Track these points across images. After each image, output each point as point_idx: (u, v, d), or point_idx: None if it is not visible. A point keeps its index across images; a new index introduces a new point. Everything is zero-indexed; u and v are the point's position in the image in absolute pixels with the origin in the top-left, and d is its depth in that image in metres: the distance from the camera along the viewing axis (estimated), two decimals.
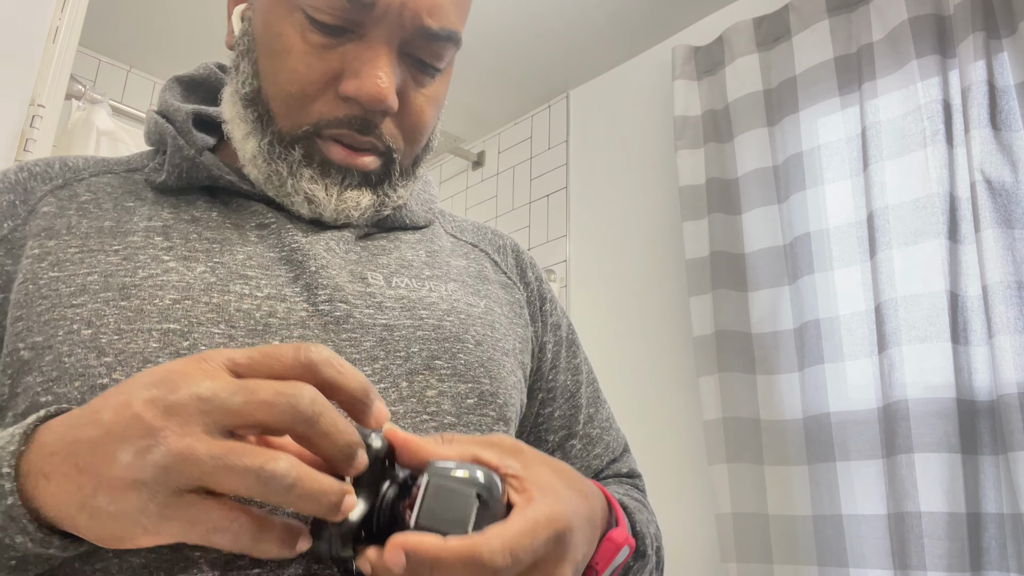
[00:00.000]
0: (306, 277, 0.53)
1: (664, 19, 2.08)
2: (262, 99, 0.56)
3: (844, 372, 1.52)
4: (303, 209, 0.57)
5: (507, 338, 0.62)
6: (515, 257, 0.72)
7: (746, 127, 1.76)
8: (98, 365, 0.46)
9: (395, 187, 0.60)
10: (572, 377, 0.71)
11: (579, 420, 0.70)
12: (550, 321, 0.71)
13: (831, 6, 1.68)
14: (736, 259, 1.73)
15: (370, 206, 0.58)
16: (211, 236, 0.55)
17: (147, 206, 0.56)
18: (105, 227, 0.54)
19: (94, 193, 0.57)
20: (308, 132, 0.55)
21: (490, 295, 0.64)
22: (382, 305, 0.55)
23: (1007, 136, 1.38)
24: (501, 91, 2.42)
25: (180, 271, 0.51)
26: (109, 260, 0.51)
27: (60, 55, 1.29)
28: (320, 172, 0.56)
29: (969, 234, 1.40)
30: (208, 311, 0.49)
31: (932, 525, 1.30)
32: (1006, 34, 1.42)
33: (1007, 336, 1.27)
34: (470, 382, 0.55)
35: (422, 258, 0.62)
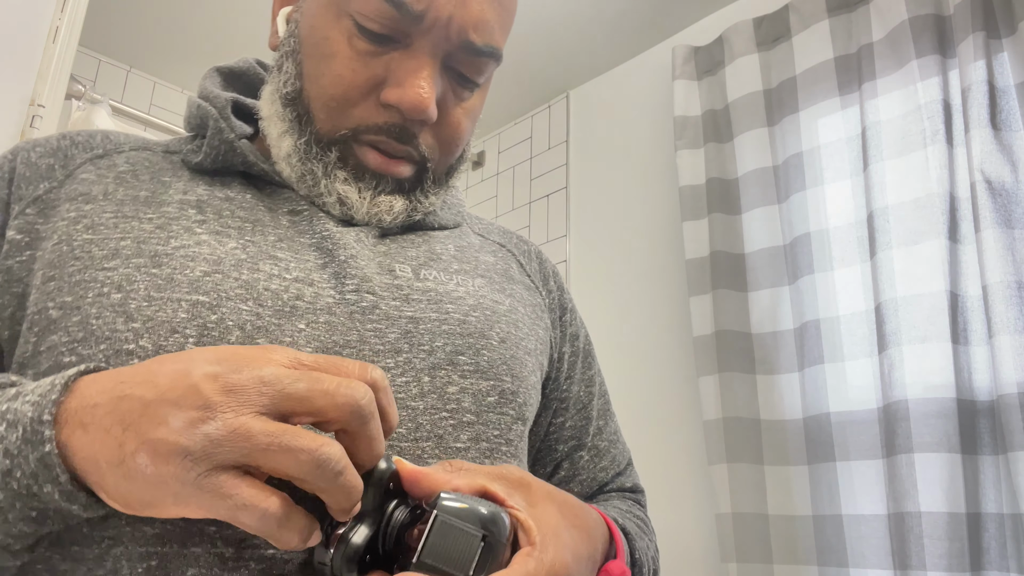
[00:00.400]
0: (335, 265, 0.54)
1: (664, 19, 2.08)
2: (303, 100, 0.57)
3: (844, 372, 1.52)
4: (334, 210, 0.58)
5: (529, 338, 0.62)
6: (539, 263, 0.73)
7: (746, 127, 1.76)
8: (125, 330, 0.46)
9: (427, 194, 0.60)
10: (586, 389, 0.71)
11: (589, 432, 0.70)
12: (569, 331, 0.71)
13: (831, 6, 1.68)
14: (736, 259, 1.73)
15: (402, 211, 0.59)
16: (244, 215, 0.55)
17: (183, 182, 0.57)
18: (141, 196, 0.55)
19: (132, 165, 0.58)
20: (346, 136, 0.56)
21: (515, 294, 0.64)
22: (409, 297, 0.55)
23: (1007, 136, 1.38)
24: (501, 91, 2.42)
25: (212, 244, 0.52)
26: (143, 227, 0.52)
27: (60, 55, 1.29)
28: (354, 176, 0.57)
29: (969, 234, 1.40)
30: (237, 287, 0.49)
31: (932, 525, 1.30)
32: (1006, 34, 1.42)
33: (1007, 336, 1.27)
34: (492, 379, 0.55)
35: (451, 252, 0.63)
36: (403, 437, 0.49)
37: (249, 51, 2.21)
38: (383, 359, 0.51)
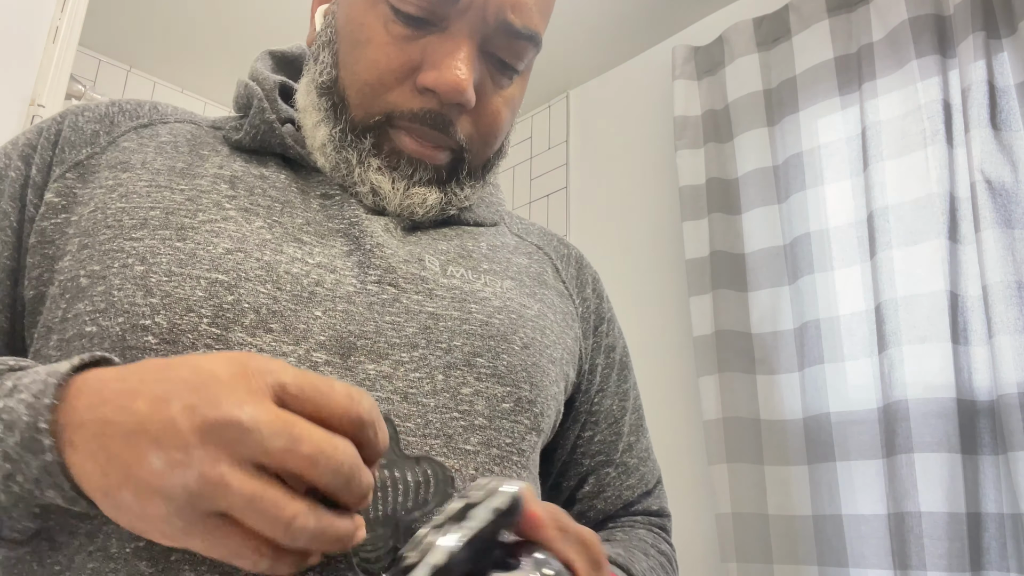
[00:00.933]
0: (360, 253, 0.53)
1: (664, 19, 2.08)
2: (338, 88, 0.56)
3: (844, 372, 1.52)
4: (367, 200, 0.57)
5: (555, 346, 0.60)
6: (577, 268, 0.70)
7: (746, 127, 1.76)
8: (143, 304, 0.46)
9: (463, 186, 0.59)
10: (619, 403, 0.69)
11: (618, 448, 0.68)
12: (604, 343, 0.69)
13: (831, 6, 1.68)
14: (736, 259, 1.73)
15: (435, 204, 0.58)
16: (275, 195, 0.55)
17: (220, 157, 0.57)
18: (177, 167, 0.55)
19: (174, 136, 0.58)
20: (380, 122, 0.55)
21: (545, 299, 0.62)
22: (432, 292, 0.54)
23: (1007, 136, 1.38)
24: None
25: (238, 221, 0.51)
26: (173, 198, 0.52)
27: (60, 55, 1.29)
28: (388, 164, 0.56)
29: (969, 234, 1.40)
30: (258, 267, 0.49)
31: (932, 525, 1.30)
32: (1006, 34, 1.42)
33: (1007, 336, 1.27)
34: (509, 385, 0.53)
35: (483, 250, 0.61)
36: (411, 432, 0.48)
37: (251, 51, 2.21)
38: (398, 352, 0.50)
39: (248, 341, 0.46)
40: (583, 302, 0.68)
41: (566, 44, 2.19)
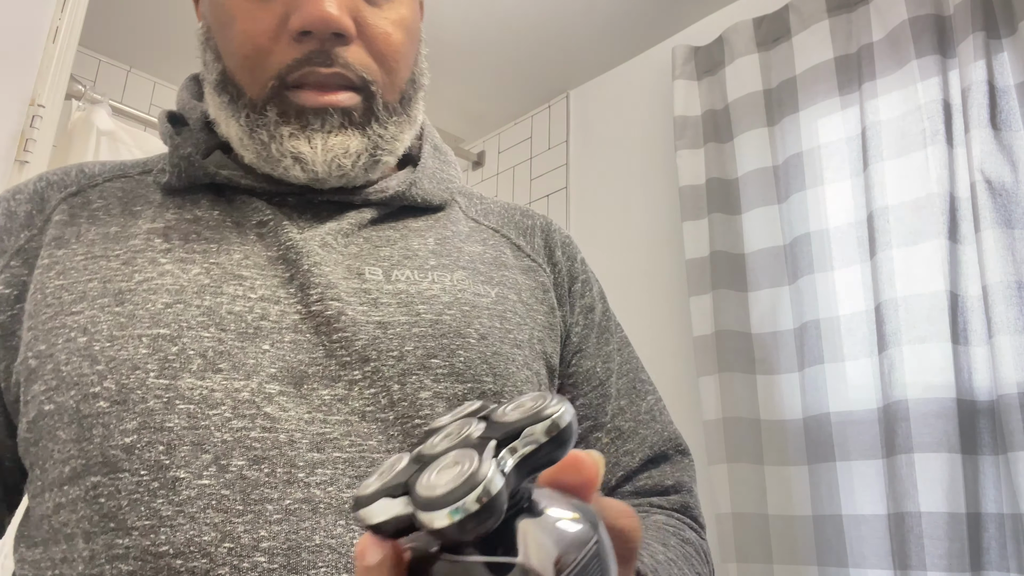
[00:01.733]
0: (300, 276, 0.52)
1: (664, 19, 2.08)
2: (228, 78, 0.55)
3: (844, 372, 1.52)
4: (297, 172, 0.55)
5: (522, 327, 0.58)
6: (544, 237, 0.67)
7: (746, 127, 1.76)
8: (91, 373, 0.47)
9: (384, 125, 0.57)
10: (602, 364, 0.65)
11: (606, 411, 0.63)
12: (580, 303, 0.66)
13: (831, 6, 1.68)
14: (736, 259, 1.73)
15: (361, 150, 0.55)
16: (210, 235, 0.54)
17: (152, 208, 0.57)
18: (111, 232, 0.55)
19: (105, 199, 0.58)
20: (274, 87, 0.54)
21: (505, 282, 0.60)
22: (377, 301, 0.53)
23: (1007, 136, 1.38)
24: (501, 91, 2.42)
25: (175, 274, 0.51)
26: (110, 265, 0.52)
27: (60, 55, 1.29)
28: (299, 126, 0.54)
29: (969, 234, 1.40)
30: (199, 314, 0.49)
31: (932, 525, 1.30)
32: (1006, 34, 1.42)
33: (1007, 336, 1.27)
34: (469, 381, 0.52)
35: (430, 246, 0.59)
36: (374, 449, 0.47)
37: None
38: (350, 371, 0.49)
39: (198, 385, 0.47)
40: (553, 267, 0.66)
41: (566, 44, 2.19)
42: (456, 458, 0.27)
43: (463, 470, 0.26)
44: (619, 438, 0.63)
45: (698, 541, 0.59)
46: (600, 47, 2.21)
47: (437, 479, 0.26)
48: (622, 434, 0.63)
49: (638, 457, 0.63)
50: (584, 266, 0.68)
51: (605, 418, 0.63)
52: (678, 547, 0.55)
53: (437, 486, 0.26)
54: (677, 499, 0.62)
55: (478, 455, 0.26)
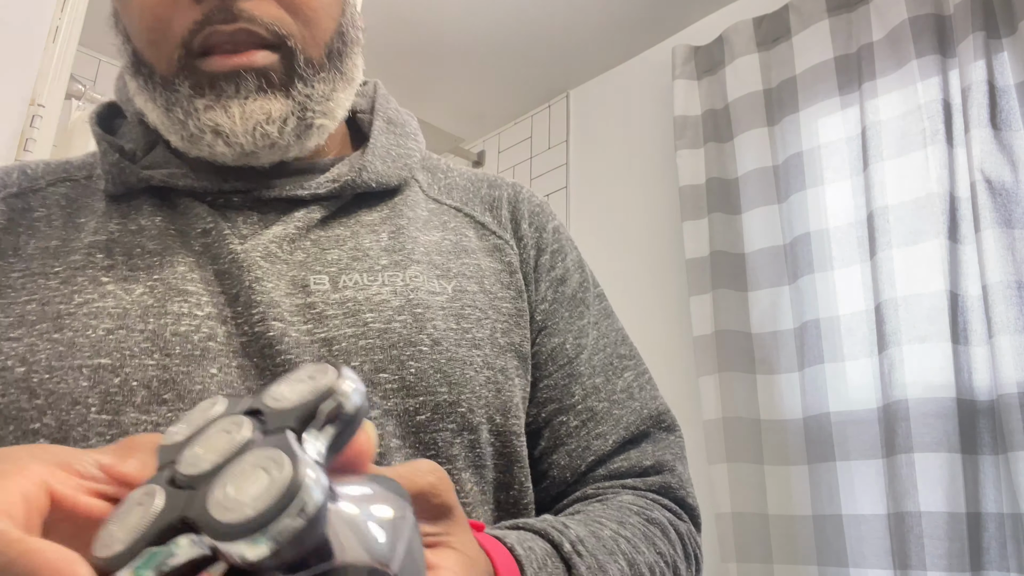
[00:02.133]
0: (243, 294, 0.48)
1: (664, 19, 2.08)
2: (138, 58, 0.52)
3: (844, 372, 1.52)
4: (221, 148, 0.50)
5: (483, 323, 0.53)
6: (511, 208, 0.62)
7: (746, 127, 1.76)
8: (30, 408, 0.44)
9: (310, 84, 0.51)
10: (573, 340, 0.59)
11: (574, 392, 0.57)
12: (548, 277, 0.60)
13: (831, 6, 1.68)
14: (736, 259, 1.73)
15: (286, 114, 0.50)
16: (153, 247, 0.51)
17: (95, 219, 0.53)
18: (51, 247, 0.51)
19: (47, 208, 0.54)
20: (181, 57, 0.49)
21: (465, 271, 0.56)
22: (322, 316, 0.49)
23: (1007, 136, 1.38)
24: (501, 91, 2.42)
25: (117, 295, 0.48)
26: (48, 285, 0.49)
27: (60, 55, 1.29)
28: (214, 95, 0.49)
29: (969, 234, 1.40)
30: (143, 340, 0.46)
31: (932, 525, 1.30)
32: (1006, 34, 1.42)
33: (1007, 336, 1.27)
34: (421, 394, 0.48)
35: (382, 242, 0.55)
36: None
37: None
38: None
39: (142, 419, 0.44)
40: (519, 241, 0.60)
41: (566, 44, 2.19)
42: (256, 462, 0.21)
43: (275, 477, 0.21)
44: (591, 420, 0.57)
45: (668, 520, 0.54)
46: (600, 47, 2.20)
47: (239, 494, 0.21)
48: (594, 415, 0.57)
49: (611, 440, 0.57)
50: (557, 235, 0.63)
51: (573, 399, 0.57)
52: (637, 526, 0.50)
53: (244, 504, 0.20)
54: (656, 480, 0.56)
55: (286, 454, 0.21)
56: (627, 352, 0.62)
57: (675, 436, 0.60)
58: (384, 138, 0.60)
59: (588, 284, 0.63)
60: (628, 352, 0.62)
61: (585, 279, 0.63)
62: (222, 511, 0.21)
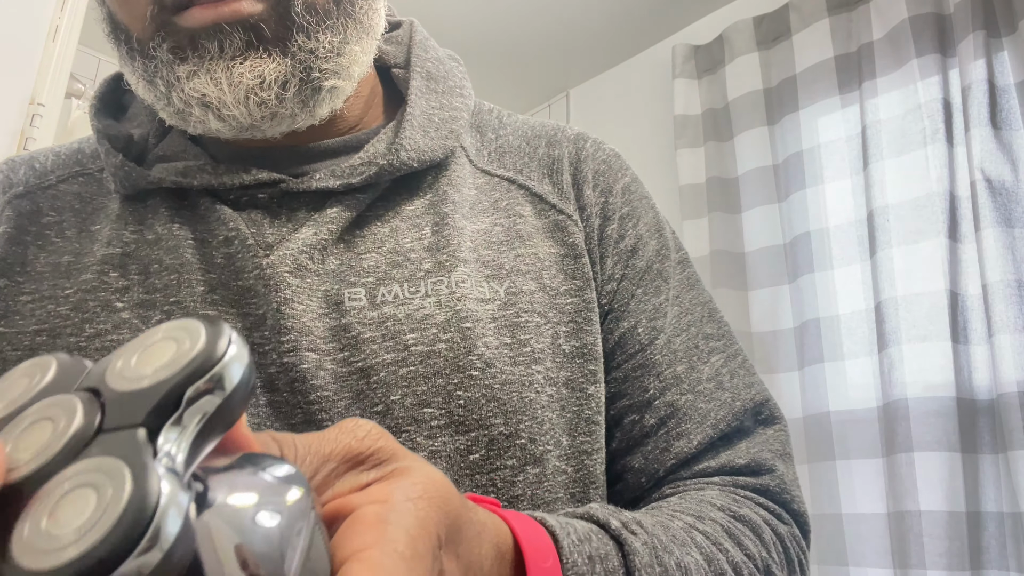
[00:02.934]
0: (271, 317, 0.42)
1: (664, 18, 2.08)
2: (115, 22, 0.44)
3: (844, 371, 1.52)
4: (214, 124, 0.43)
5: (543, 329, 0.46)
6: (573, 171, 0.53)
7: (746, 126, 1.76)
8: None
9: (312, 35, 0.42)
10: (647, 323, 0.49)
11: (647, 386, 0.48)
12: (616, 249, 0.50)
13: (831, 5, 1.68)
14: (736, 258, 1.73)
15: (285, 75, 0.42)
16: (171, 264, 0.45)
17: (110, 225, 0.47)
18: (63, 263, 0.46)
19: (58, 212, 0.48)
20: (155, 16, 0.41)
21: (520, 266, 0.48)
22: (358, 340, 0.42)
23: (1007, 135, 1.38)
24: (501, 90, 2.42)
25: (133, 324, 0.43)
26: (59, 311, 0.44)
27: (60, 54, 1.29)
28: (197, 56, 0.41)
29: (969, 233, 1.40)
30: None
31: (932, 524, 1.30)
32: (1006, 33, 1.42)
33: (1007, 335, 1.27)
34: (473, 429, 0.41)
35: (426, 239, 0.47)
36: None
37: None
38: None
39: None
40: (582, 211, 0.51)
41: (566, 43, 2.19)
42: (86, 477, 0.15)
43: (110, 502, 0.15)
44: (671, 417, 0.48)
45: (763, 519, 0.44)
46: (600, 46, 2.20)
47: (53, 527, 0.15)
48: (676, 412, 0.48)
49: (697, 439, 0.47)
50: (627, 195, 0.53)
51: (647, 394, 0.48)
52: (717, 522, 0.42)
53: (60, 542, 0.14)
54: (751, 482, 0.47)
55: (128, 466, 0.15)
56: (715, 331, 0.52)
57: (775, 430, 0.51)
58: (423, 101, 0.51)
59: (667, 251, 0.53)
60: (716, 331, 0.52)
61: (664, 244, 0.53)
62: (33, 554, 0.14)
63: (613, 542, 0.34)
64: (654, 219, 0.54)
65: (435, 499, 0.24)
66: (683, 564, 0.36)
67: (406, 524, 0.23)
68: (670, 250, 0.53)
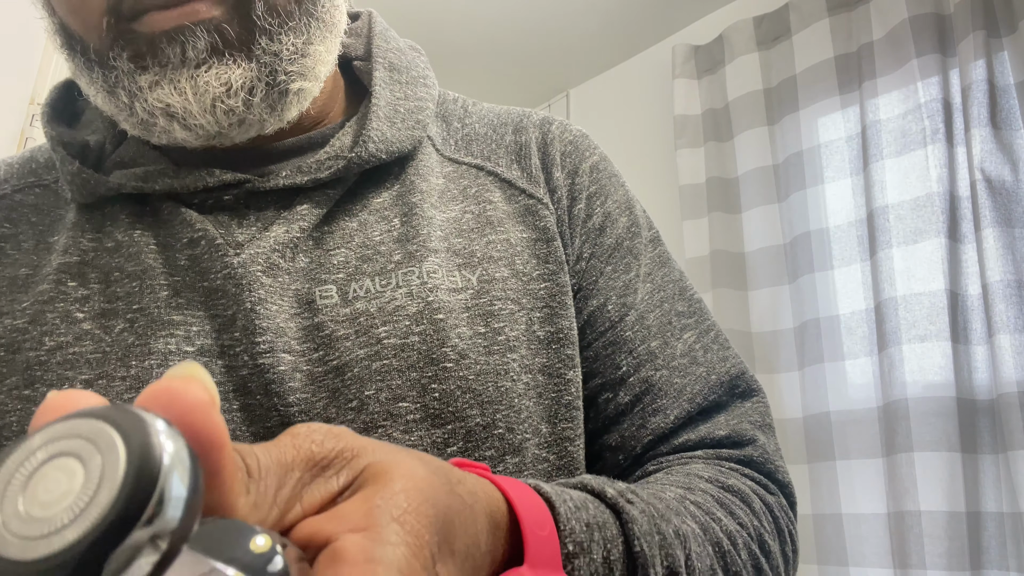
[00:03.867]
0: (242, 317, 0.41)
1: (664, 18, 2.08)
2: (68, 32, 0.42)
3: (844, 371, 1.52)
4: (180, 133, 0.42)
5: (517, 316, 0.45)
6: (542, 154, 0.52)
7: (746, 126, 1.76)
8: None
9: (275, 37, 0.41)
10: (616, 300, 0.49)
11: (619, 363, 0.48)
12: (584, 228, 0.50)
13: (831, 5, 1.68)
14: (736, 258, 1.74)
15: (252, 80, 0.41)
16: (132, 270, 0.43)
17: (67, 233, 0.45)
18: (19, 276, 0.44)
19: (13, 224, 0.47)
20: (111, 24, 0.40)
21: (492, 253, 0.47)
22: (332, 337, 0.41)
23: (1007, 135, 1.38)
24: (501, 91, 2.42)
25: (95, 335, 0.41)
26: (16, 325, 0.42)
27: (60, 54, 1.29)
28: (158, 64, 0.39)
29: (969, 233, 1.40)
30: (125, 389, 0.39)
31: (932, 524, 1.30)
32: (1006, 33, 1.42)
33: (1007, 335, 1.27)
34: (449, 422, 0.40)
35: (395, 230, 0.46)
36: None
37: None
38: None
39: None
40: (552, 194, 0.50)
41: (566, 43, 2.19)
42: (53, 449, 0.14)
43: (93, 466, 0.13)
44: (647, 393, 0.47)
45: (751, 489, 0.44)
46: (600, 46, 2.20)
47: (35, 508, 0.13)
48: (651, 388, 0.47)
49: (673, 415, 0.47)
50: (595, 174, 0.52)
51: (620, 371, 0.48)
52: (707, 492, 0.41)
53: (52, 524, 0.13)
54: (734, 454, 0.47)
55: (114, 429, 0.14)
56: (686, 308, 0.51)
57: (753, 402, 0.50)
58: (388, 92, 0.49)
59: (638, 228, 0.52)
60: (687, 308, 0.51)
61: (634, 222, 0.52)
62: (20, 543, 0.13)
63: (610, 511, 0.33)
64: (623, 197, 0.53)
65: (422, 507, 0.22)
66: (681, 532, 0.35)
67: (397, 561, 0.20)
68: (640, 228, 0.53)
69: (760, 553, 0.40)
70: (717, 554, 0.37)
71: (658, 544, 0.33)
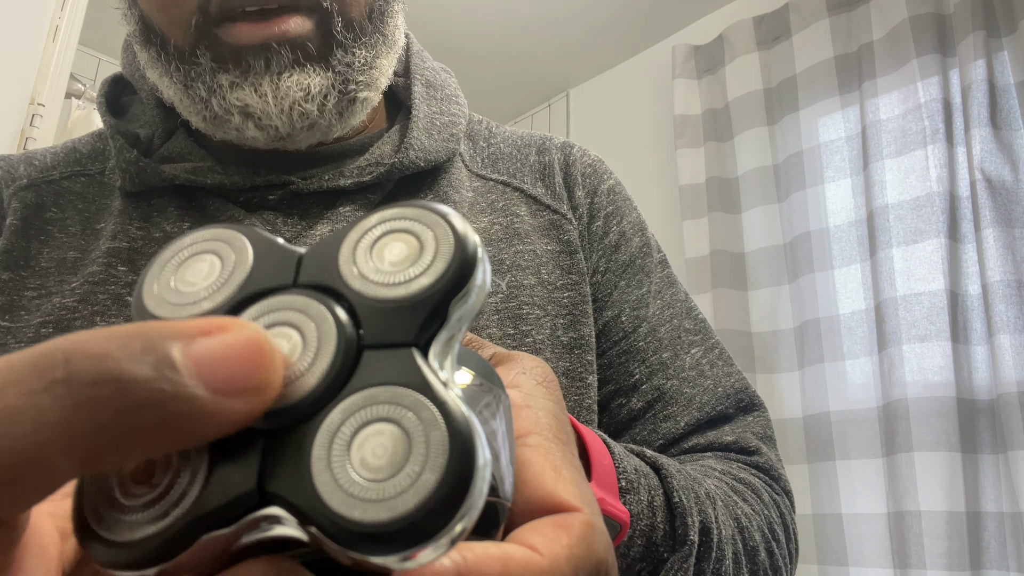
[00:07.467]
0: None
1: (664, 18, 2.08)
2: (148, 24, 0.45)
3: (844, 371, 1.52)
4: (251, 131, 0.44)
5: (542, 322, 0.47)
6: (564, 173, 0.55)
7: (746, 126, 1.76)
8: None
9: (350, 51, 0.44)
10: (631, 312, 0.52)
11: (632, 371, 0.50)
12: (601, 244, 0.53)
13: (831, 5, 1.68)
14: (736, 258, 1.74)
15: (327, 88, 0.43)
16: None
17: (113, 219, 0.47)
18: (68, 259, 0.46)
19: (61, 209, 0.48)
20: (200, 24, 0.42)
21: (519, 261, 0.49)
22: None
23: (1007, 135, 1.38)
24: (501, 91, 2.42)
25: None
26: (65, 303, 0.43)
27: (60, 54, 1.29)
28: (240, 71, 0.42)
29: (969, 233, 1.40)
30: None
31: (932, 524, 1.30)
32: (1006, 33, 1.42)
33: (1007, 335, 1.27)
34: None
35: None
36: None
37: None
38: None
39: None
40: (574, 211, 0.54)
41: (566, 43, 2.19)
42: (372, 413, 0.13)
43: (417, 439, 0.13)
44: (658, 400, 0.49)
45: (762, 483, 0.46)
46: (600, 46, 2.20)
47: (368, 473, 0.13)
48: (662, 396, 0.49)
49: (683, 422, 0.49)
50: (612, 196, 0.56)
51: (633, 379, 0.50)
52: (722, 480, 0.43)
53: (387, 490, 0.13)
54: (741, 458, 0.49)
55: (435, 407, 0.13)
56: (692, 326, 0.54)
57: (755, 415, 0.52)
58: (426, 106, 0.52)
59: (649, 249, 0.56)
60: (694, 327, 0.54)
61: (645, 243, 0.56)
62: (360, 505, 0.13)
63: (649, 466, 0.35)
64: (637, 219, 0.57)
65: (552, 383, 0.24)
66: (711, 494, 0.38)
67: (548, 408, 0.22)
68: (651, 248, 0.56)
69: (771, 538, 0.42)
70: (736, 528, 0.39)
71: (694, 500, 0.35)
